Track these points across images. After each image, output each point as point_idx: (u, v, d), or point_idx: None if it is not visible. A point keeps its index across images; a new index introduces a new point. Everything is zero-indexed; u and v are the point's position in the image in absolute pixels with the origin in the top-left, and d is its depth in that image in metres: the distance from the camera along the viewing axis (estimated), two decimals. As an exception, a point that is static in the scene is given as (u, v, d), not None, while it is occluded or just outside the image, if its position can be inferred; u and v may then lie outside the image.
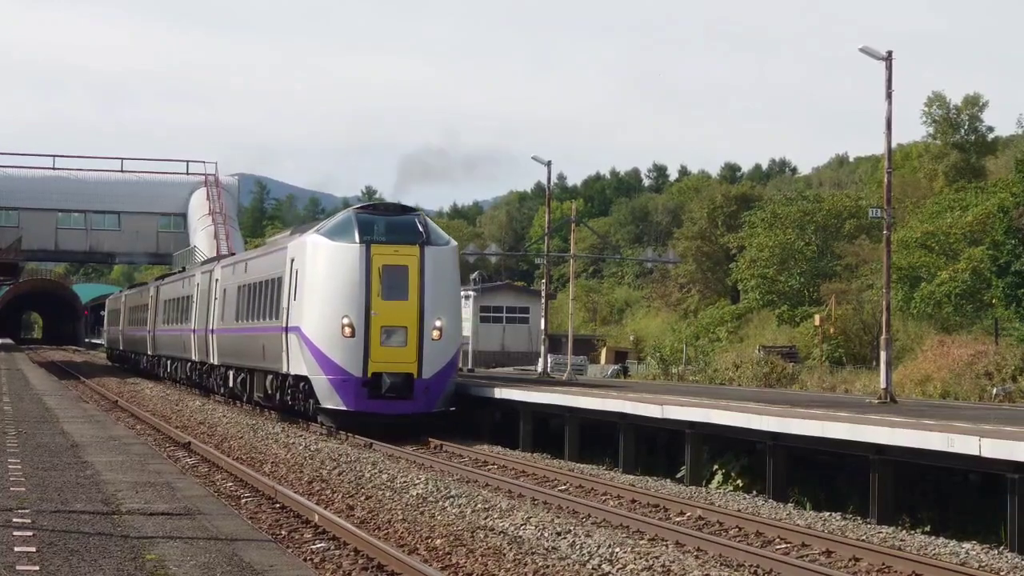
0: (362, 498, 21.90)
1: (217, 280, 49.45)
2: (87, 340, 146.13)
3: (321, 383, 34.78)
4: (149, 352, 69.98)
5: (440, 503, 21.37)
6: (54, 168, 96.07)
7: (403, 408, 34.21)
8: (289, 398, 37.55)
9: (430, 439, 33.30)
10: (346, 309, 34.36)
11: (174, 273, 71.58)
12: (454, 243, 36.55)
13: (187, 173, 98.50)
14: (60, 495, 19.47)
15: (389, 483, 23.98)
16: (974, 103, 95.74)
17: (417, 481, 24.02)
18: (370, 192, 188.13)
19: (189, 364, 56.22)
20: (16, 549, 14.66)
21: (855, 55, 34.31)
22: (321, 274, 35.08)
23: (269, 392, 40.07)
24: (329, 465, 26.71)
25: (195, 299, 53.85)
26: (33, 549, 14.71)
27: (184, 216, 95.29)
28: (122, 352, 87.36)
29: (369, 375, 34.20)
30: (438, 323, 34.52)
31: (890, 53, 33.92)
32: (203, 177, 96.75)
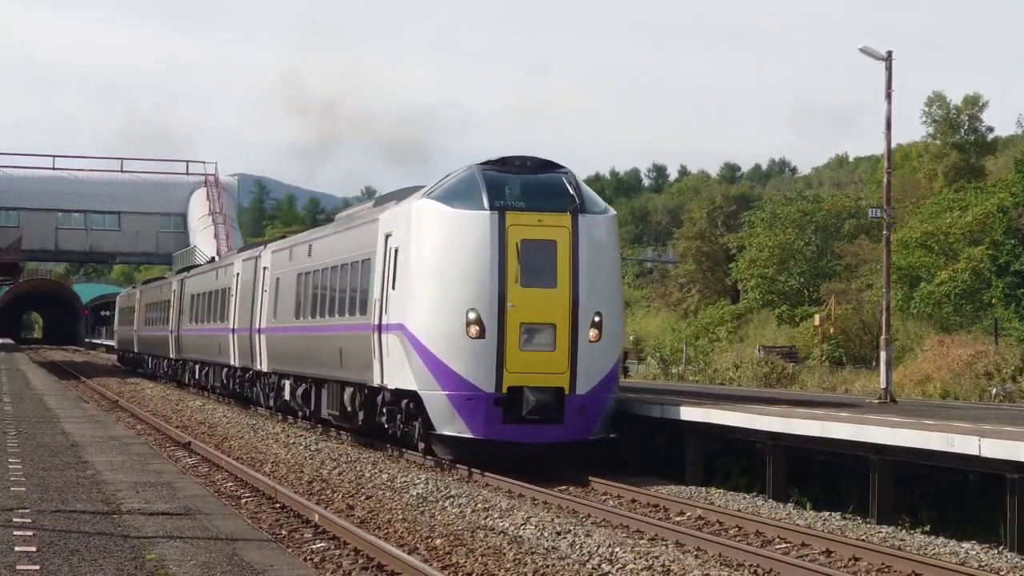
0: (362, 498, 21.92)
1: (266, 268, 40.71)
2: (87, 340, 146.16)
3: (437, 401, 25.87)
4: (172, 355, 60.69)
5: (440, 503, 21.38)
6: (54, 168, 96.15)
7: (550, 435, 25.59)
8: (383, 419, 28.63)
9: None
10: (472, 300, 25.56)
11: (201, 264, 64.48)
12: (613, 211, 27.61)
13: (187, 173, 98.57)
14: (60, 495, 19.48)
15: (389, 483, 24.00)
16: (974, 103, 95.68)
17: (417, 481, 24.03)
18: (370, 192, 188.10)
19: (226, 370, 47.41)
20: (16, 549, 14.68)
21: (855, 55, 34.32)
22: (435, 252, 26.23)
23: (349, 409, 31.31)
24: (329, 465, 26.72)
25: (234, 293, 45.20)
26: (33, 549, 14.73)
27: (184, 216, 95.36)
28: (136, 355, 77.42)
29: (504, 390, 25.42)
30: (596, 319, 25.78)
31: (890, 53, 33.93)
32: (203, 177, 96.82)
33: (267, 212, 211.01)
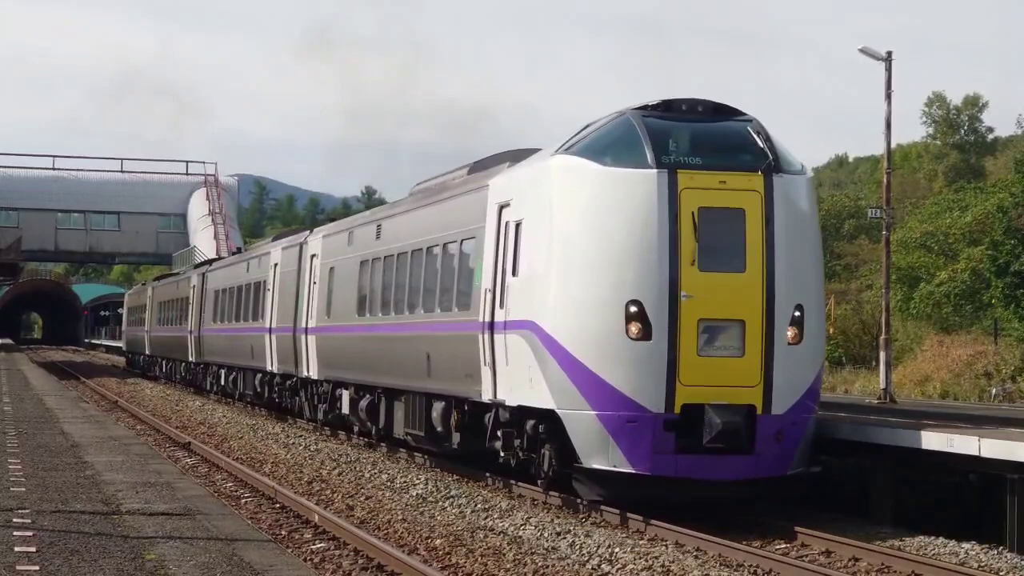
0: (362, 498, 21.92)
1: (314, 257, 34.40)
2: (87, 340, 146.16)
3: (583, 424, 19.46)
4: (191, 359, 54.32)
5: (440, 503, 21.39)
6: (54, 168, 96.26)
7: (738, 469, 19.39)
8: (497, 444, 22.09)
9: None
10: (633, 288, 19.18)
11: (222, 257, 59.57)
12: (809, 171, 21.15)
13: (187, 173, 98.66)
14: (60, 495, 19.50)
15: (389, 483, 24.00)
16: (974, 103, 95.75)
17: (417, 481, 24.03)
18: (370, 192, 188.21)
19: (260, 376, 41.17)
20: (16, 549, 14.70)
21: (855, 55, 34.35)
22: (582, 225, 19.69)
23: (439, 429, 24.75)
24: (329, 465, 26.72)
25: (272, 287, 39.12)
26: (33, 549, 14.74)
27: (184, 216, 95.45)
28: (150, 357, 70.39)
29: (677, 410, 19.15)
30: (797, 314, 19.67)
31: (890, 53, 34.00)
32: (203, 177, 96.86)
33: (267, 212, 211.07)
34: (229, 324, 45.96)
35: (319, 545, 17.01)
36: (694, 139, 20.07)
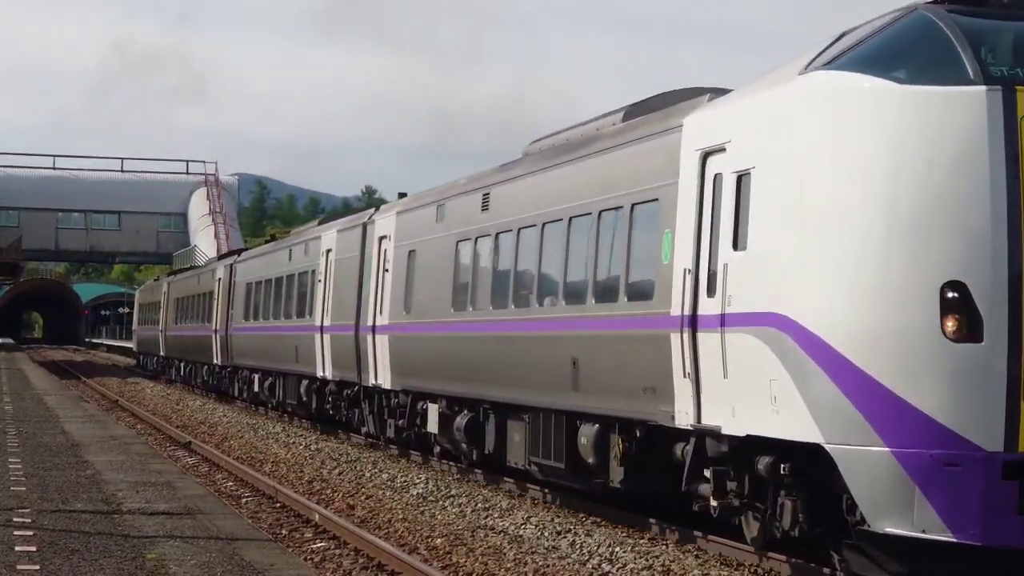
0: (362, 498, 21.93)
1: (384, 239, 28.50)
2: (88, 340, 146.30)
3: (871, 465, 13.35)
4: (216, 361, 48.32)
5: (440, 503, 21.39)
6: (54, 168, 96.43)
7: None
8: (703, 486, 15.97)
9: None
10: (951, 263, 13.14)
11: (254, 247, 52.63)
12: None
13: (187, 173, 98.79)
14: (60, 495, 19.53)
15: (389, 483, 24.00)
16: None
17: (417, 481, 24.04)
18: (370, 192, 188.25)
19: (306, 383, 35.41)
20: (17, 549, 14.72)
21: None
22: (864, 171, 13.62)
23: (592, 461, 18.62)
24: (329, 465, 26.73)
25: (324, 277, 33.31)
26: (34, 549, 14.76)
27: (184, 216, 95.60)
28: (165, 359, 64.82)
29: (1021, 449, 12.99)
30: None
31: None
32: (203, 177, 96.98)
33: (267, 212, 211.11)
34: (266, 322, 39.85)
35: (319, 544, 17.02)
36: None
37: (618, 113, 19.97)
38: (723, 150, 15.42)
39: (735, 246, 14.93)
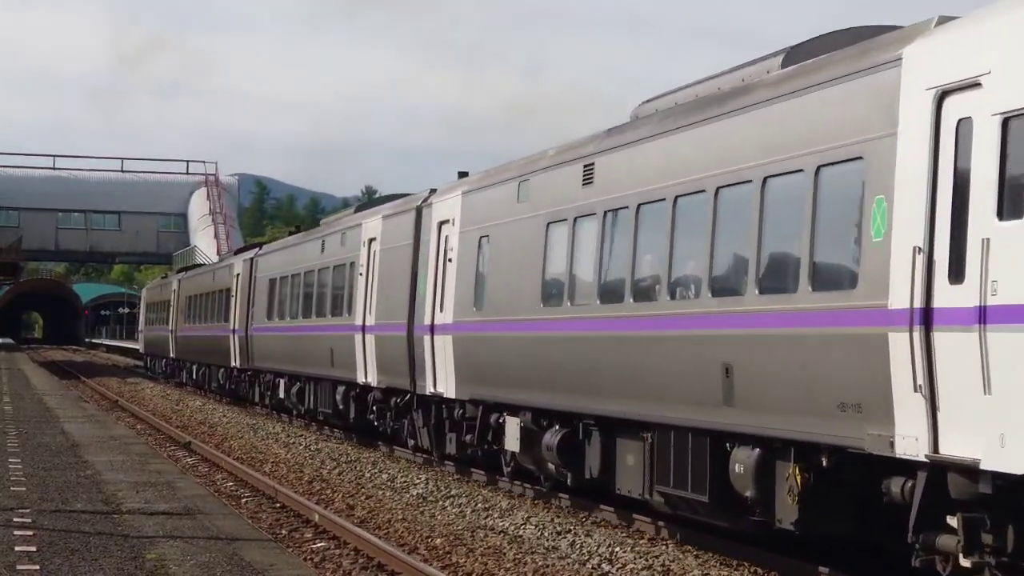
0: (362, 498, 21.93)
1: (444, 223, 24.45)
2: (87, 340, 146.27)
3: None
4: (235, 364, 44.55)
5: (440, 503, 21.39)
6: (54, 168, 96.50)
7: None
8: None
9: None
10: None
11: (290, 234, 45.11)
12: None
13: (187, 173, 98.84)
14: (60, 495, 19.53)
15: (389, 483, 24.00)
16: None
17: (417, 481, 24.04)
18: (370, 192, 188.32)
19: (343, 389, 31.43)
20: (17, 549, 14.72)
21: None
22: None
23: (751, 494, 14.97)
24: (329, 465, 26.73)
25: (365, 270, 29.21)
26: (34, 549, 14.77)
27: (184, 216, 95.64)
28: (175, 361, 60.98)
29: None
30: None
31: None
32: (203, 177, 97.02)
33: (267, 212, 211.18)
34: (294, 321, 36.12)
35: (319, 544, 17.02)
36: None
37: (775, 57, 16.35)
38: (976, 86, 11.60)
39: (1002, 214, 11.18)
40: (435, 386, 24.25)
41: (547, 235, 19.94)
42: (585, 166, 18.97)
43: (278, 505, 20.72)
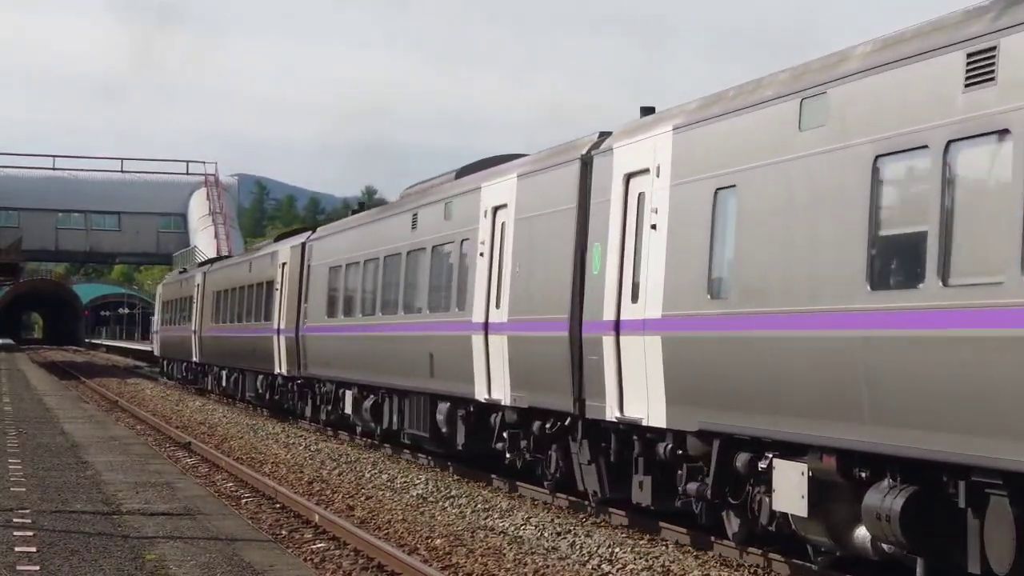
0: (362, 498, 21.93)
1: (641, 175, 17.10)
2: (87, 340, 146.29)
3: None
4: (280, 371, 37.46)
5: (440, 503, 21.39)
6: (54, 168, 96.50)
7: None
8: None
9: None
10: None
11: (352, 214, 36.60)
12: None
13: (187, 173, 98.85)
14: (60, 495, 19.53)
15: (389, 483, 24.00)
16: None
17: (417, 481, 24.04)
18: (370, 192, 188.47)
19: (448, 406, 24.06)
20: (16, 549, 14.72)
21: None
22: None
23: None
24: (329, 465, 26.73)
25: (487, 250, 22.19)
26: (33, 549, 14.77)
27: (184, 216, 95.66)
28: (199, 366, 54.05)
29: None
30: None
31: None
32: (203, 177, 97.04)
33: (267, 212, 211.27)
34: (368, 319, 29.23)
35: (319, 545, 17.02)
36: None
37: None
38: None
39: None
40: (622, 409, 17.41)
41: (874, 175, 12.35)
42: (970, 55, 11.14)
43: (278, 505, 20.72)
